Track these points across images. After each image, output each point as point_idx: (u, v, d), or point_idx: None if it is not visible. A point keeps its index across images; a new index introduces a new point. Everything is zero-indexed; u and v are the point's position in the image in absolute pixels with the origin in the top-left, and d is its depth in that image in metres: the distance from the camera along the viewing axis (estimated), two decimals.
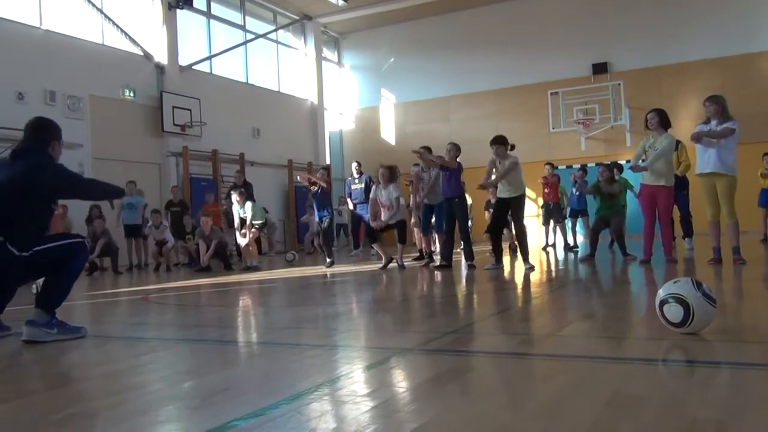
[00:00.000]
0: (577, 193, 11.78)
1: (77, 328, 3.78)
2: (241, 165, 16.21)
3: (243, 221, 10.55)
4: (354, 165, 11.94)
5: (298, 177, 10.78)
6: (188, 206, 13.45)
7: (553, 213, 12.11)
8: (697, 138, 6.59)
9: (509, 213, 7.93)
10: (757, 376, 2.33)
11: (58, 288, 3.76)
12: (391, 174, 8.78)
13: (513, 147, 7.88)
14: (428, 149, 8.95)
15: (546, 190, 12.15)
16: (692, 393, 2.14)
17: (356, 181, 11.58)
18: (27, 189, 3.67)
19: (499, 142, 7.83)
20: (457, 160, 8.34)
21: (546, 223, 12.35)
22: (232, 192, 11.41)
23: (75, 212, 11.59)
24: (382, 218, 8.73)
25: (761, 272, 6.38)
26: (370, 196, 9.05)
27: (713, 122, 6.66)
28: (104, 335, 4.02)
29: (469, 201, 12.02)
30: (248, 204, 10.44)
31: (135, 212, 11.97)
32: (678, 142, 9.12)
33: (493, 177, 7.92)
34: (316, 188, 9.97)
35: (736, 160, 6.70)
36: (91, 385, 2.68)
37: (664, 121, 7.30)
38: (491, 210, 11.17)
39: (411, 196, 10.26)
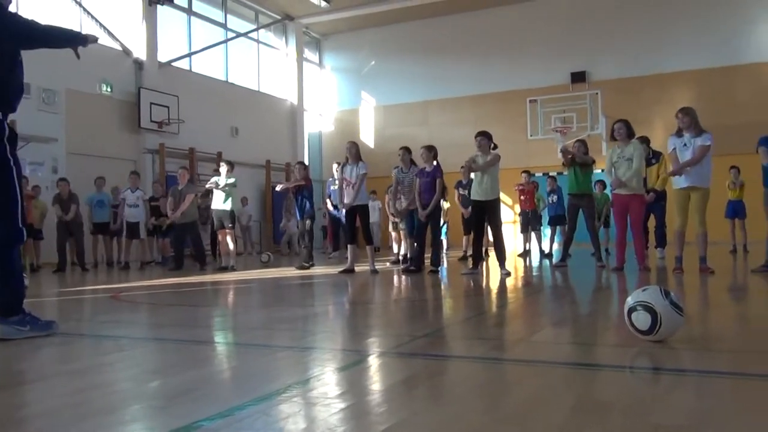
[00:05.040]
0: (555, 198, 12.00)
1: (49, 323, 3.68)
2: (218, 164, 16.05)
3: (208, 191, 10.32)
4: (334, 166, 11.83)
5: (278, 188, 10.57)
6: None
7: (530, 221, 12.25)
8: (679, 173, 6.75)
9: (486, 217, 7.96)
10: (721, 385, 2.36)
11: (7, 289, 3.52)
12: (358, 150, 8.61)
13: (496, 147, 7.93)
14: (408, 150, 8.92)
15: (522, 198, 12.26)
16: (657, 400, 2.17)
17: (336, 182, 11.47)
18: None
19: (485, 134, 7.85)
20: (435, 163, 8.36)
21: (525, 230, 12.48)
22: (221, 164, 10.64)
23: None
24: (345, 200, 8.49)
25: (728, 282, 6.50)
26: (337, 177, 8.80)
27: (686, 135, 6.80)
28: (73, 333, 3.95)
29: (446, 205, 12.04)
30: (232, 180, 10.11)
31: (105, 209, 11.78)
32: (660, 155, 9.28)
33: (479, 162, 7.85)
34: (296, 192, 9.93)
35: (711, 172, 6.87)
36: (56, 382, 2.63)
37: (630, 132, 7.58)
38: (460, 190, 11.28)
39: (389, 201, 10.20)
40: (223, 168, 10.19)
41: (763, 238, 7.03)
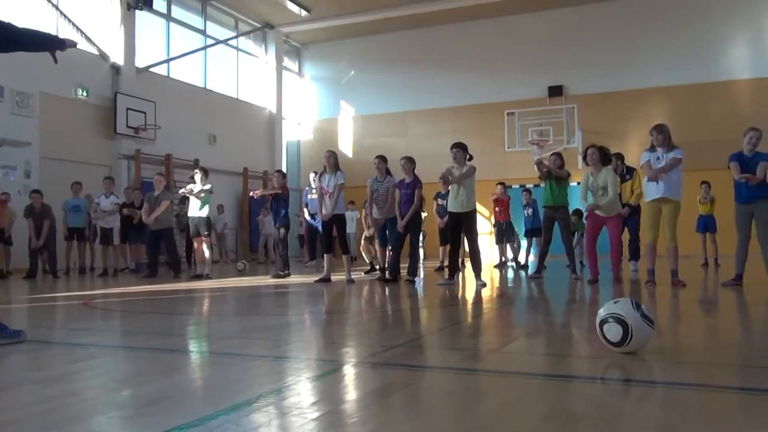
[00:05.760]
0: (531, 211, 12.10)
1: (17, 332, 3.62)
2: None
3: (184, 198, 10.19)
4: (311, 175, 11.78)
5: (254, 195, 10.51)
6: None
7: (505, 232, 12.32)
8: (655, 178, 6.84)
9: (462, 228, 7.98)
10: (690, 396, 2.40)
11: None
12: (336, 160, 8.57)
13: (471, 158, 7.96)
14: (384, 158, 8.86)
15: (497, 209, 12.33)
16: (627, 411, 2.19)
17: (313, 191, 11.42)
18: None
19: (460, 146, 7.87)
20: (414, 173, 8.42)
21: (500, 242, 12.54)
22: (195, 171, 10.48)
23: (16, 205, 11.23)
24: (324, 211, 8.45)
25: (698, 295, 6.60)
26: (314, 186, 8.75)
27: (659, 150, 6.92)
28: (42, 340, 3.89)
29: (423, 215, 12.03)
30: (208, 186, 10.00)
31: (80, 215, 11.64)
32: (633, 170, 9.42)
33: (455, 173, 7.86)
34: (271, 200, 9.90)
35: (683, 186, 7.00)
36: (23, 390, 2.58)
37: (603, 158, 7.62)
38: (439, 200, 11.32)
39: (366, 211, 10.18)
40: (197, 175, 10.12)
41: (733, 252, 7.16)
